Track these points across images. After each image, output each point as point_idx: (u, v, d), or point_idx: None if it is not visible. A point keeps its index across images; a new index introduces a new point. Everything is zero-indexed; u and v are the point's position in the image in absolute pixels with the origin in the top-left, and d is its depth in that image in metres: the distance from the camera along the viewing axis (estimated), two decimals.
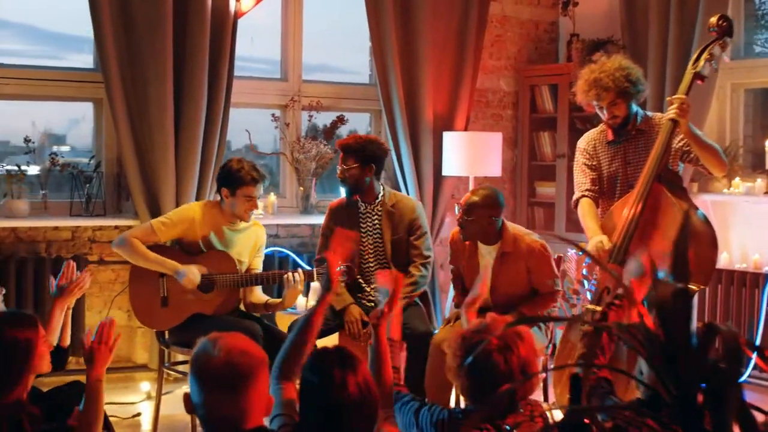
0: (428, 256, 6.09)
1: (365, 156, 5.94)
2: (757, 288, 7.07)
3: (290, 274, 5.75)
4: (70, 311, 4.68)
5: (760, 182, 7.18)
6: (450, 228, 8.16)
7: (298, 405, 3.24)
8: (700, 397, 2.24)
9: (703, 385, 2.24)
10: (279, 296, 6.05)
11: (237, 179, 5.72)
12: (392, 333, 3.97)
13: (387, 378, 3.61)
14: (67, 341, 4.60)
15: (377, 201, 6.03)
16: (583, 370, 3.78)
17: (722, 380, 2.22)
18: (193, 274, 5.67)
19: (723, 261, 7.26)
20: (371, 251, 6.04)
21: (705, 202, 7.42)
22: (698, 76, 5.19)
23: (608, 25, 8.06)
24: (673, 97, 5.17)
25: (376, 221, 6.02)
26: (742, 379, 7.03)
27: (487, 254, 5.76)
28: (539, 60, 8.69)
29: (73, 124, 7.72)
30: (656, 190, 5.09)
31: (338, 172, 6.00)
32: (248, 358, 2.90)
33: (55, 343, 4.44)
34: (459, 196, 8.18)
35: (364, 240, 5.99)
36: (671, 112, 5.09)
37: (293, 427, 3.22)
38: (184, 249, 5.82)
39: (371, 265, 6.04)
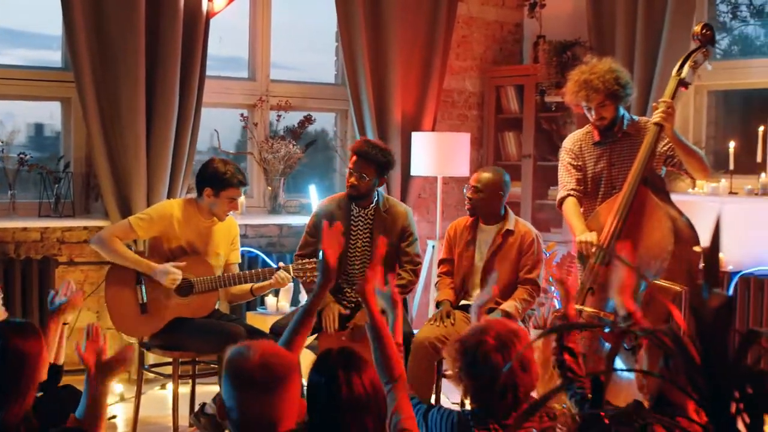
0: (419, 262, 6.17)
1: (385, 168, 5.99)
2: (722, 286, 7.17)
3: (276, 274, 5.75)
4: (65, 328, 4.61)
5: (724, 183, 7.28)
6: (417, 229, 8.19)
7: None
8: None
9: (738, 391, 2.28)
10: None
11: (223, 181, 5.72)
12: (396, 337, 3.97)
13: (393, 355, 3.59)
14: (61, 359, 4.55)
15: (372, 206, 6.04)
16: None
17: (763, 386, 2.26)
18: (173, 271, 5.65)
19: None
20: (359, 254, 6.05)
21: None
22: (682, 82, 5.29)
23: (575, 26, 8.13)
24: (659, 101, 5.26)
25: (368, 225, 6.03)
26: None
27: (485, 237, 5.94)
28: (504, 61, 8.75)
29: (41, 123, 7.63)
30: (642, 193, 5.16)
31: (351, 178, 5.97)
32: (283, 360, 2.92)
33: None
34: (426, 196, 8.24)
35: (352, 242, 5.99)
36: (657, 116, 5.17)
37: (300, 426, 3.23)
38: (160, 256, 5.81)
39: (356, 267, 6.04)
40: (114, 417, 6.23)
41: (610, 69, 5.36)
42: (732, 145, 7.14)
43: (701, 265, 5.14)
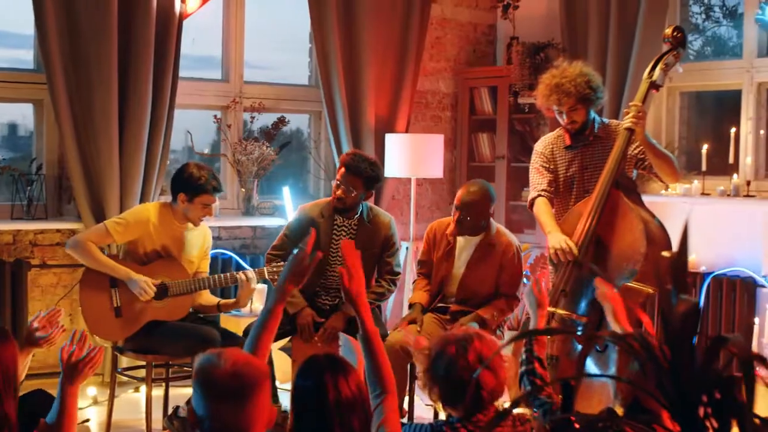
0: (398, 273, 6.18)
1: (373, 182, 6.00)
2: (695, 288, 7.21)
3: (242, 273, 5.76)
4: (31, 357, 4.55)
5: (696, 184, 7.32)
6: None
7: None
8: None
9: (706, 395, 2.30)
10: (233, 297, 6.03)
11: (197, 187, 5.70)
12: None
13: (385, 366, 3.60)
14: (21, 377, 4.51)
15: (356, 216, 6.03)
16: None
17: (731, 391, 2.28)
18: (147, 285, 5.65)
19: None
20: (339, 264, 6.03)
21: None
22: (653, 85, 5.29)
23: (548, 28, 8.15)
24: (630, 105, 5.27)
25: (351, 235, 6.01)
26: None
27: (464, 248, 5.94)
28: (477, 62, 8.77)
29: (13, 124, 7.59)
30: (614, 196, 5.17)
31: (339, 191, 5.94)
32: (253, 368, 2.93)
33: None
34: (399, 197, 8.24)
35: (333, 252, 5.96)
36: (628, 120, 5.19)
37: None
38: (135, 259, 5.80)
39: (335, 275, 5.98)
40: (87, 420, 6.21)
41: (582, 72, 5.36)
42: (705, 146, 7.18)
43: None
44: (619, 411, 3.25)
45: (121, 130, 6.78)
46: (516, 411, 3.56)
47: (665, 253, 4.99)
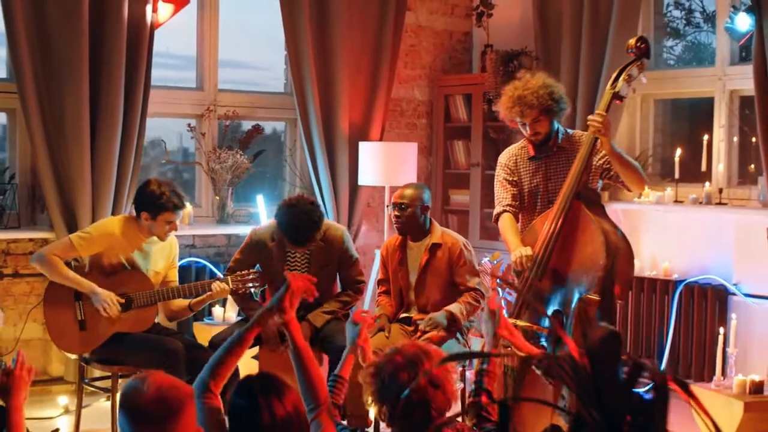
0: (361, 281, 6.21)
1: (318, 230, 5.98)
2: (667, 294, 7.24)
3: (216, 283, 5.79)
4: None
5: (669, 191, 7.35)
6: (365, 238, 8.24)
7: (225, 419, 3.32)
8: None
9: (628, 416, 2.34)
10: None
11: (158, 206, 5.71)
12: (342, 371, 3.99)
13: (317, 380, 3.64)
14: None
15: None
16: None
17: (649, 414, 2.32)
18: (111, 301, 5.66)
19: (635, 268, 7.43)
20: None
21: (616, 211, 7.57)
22: (616, 96, 5.27)
23: (522, 36, 8.17)
24: (594, 114, 5.25)
25: (305, 255, 6.03)
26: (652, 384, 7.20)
27: (415, 254, 6.00)
28: (453, 70, 8.78)
29: None
30: (575, 207, 5.17)
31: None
32: (177, 392, 2.97)
33: None
34: (374, 205, 8.26)
35: (290, 268, 6.00)
36: (592, 129, 5.18)
37: None
38: (100, 271, 5.81)
39: None
40: (57, 430, 6.20)
41: (544, 84, 5.35)
42: (678, 153, 7.20)
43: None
44: (564, 427, 3.27)
45: (92, 139, 6.78)
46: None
47: (593, 297, 4.99)
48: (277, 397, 3.13)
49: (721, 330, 6.33)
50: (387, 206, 6.07)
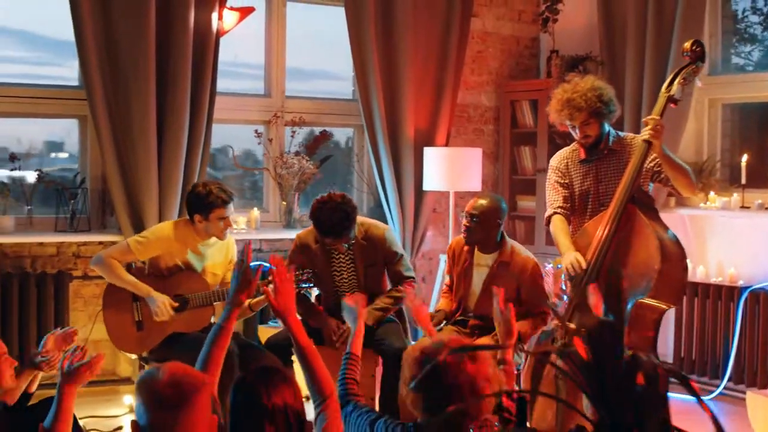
0: (410, 276, 6.19)
1: (353, 221, 6.03)
2: (733, 301, 7.17)
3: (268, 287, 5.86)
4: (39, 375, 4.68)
5: (736, 197, 7.28)
6: (432, 243, 8.28)
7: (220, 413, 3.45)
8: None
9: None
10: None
11: (207, 204, 5.83)
12: (353, 348, 4.08)
13: (321, 374, 3.74)
14: (33, 389, 4.67)
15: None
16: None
17: (645, 406, 2.33)
18: (165, 307, 5.80)
19: (699, 275, 7.38)
20: (346, 286, 6.12)
21: (682, 217, 7.54)
22: (671, 99, 5.25)
23: (587, 41, 8.16)
24: (648, 118, 5.24)
25: (349, 255, 6.09)
26: (718, 391, 7.14)
27: (482, 266, 5.97)
28: (521, 75, 8.78)
29: (60, 140, 7.80)
30: (630, 211, 5.16)
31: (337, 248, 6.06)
32: (191, 379, 3.04)
33: None
34: (440, 210, 8.30)
35: (337, 275, 6.11)
36: (645, 133, 5.16)
37: None
38: (158, 273, 5.96)
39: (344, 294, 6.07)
40: (120, 428, 6.35)
41: (593, 87, 5.35)
42: (744, 158, 7.13)
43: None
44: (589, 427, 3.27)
45: (159, 144, 6.94)
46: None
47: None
48: (273, 387, 3.21)
49: None
50: (461, 214, 6.04)
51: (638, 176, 5.23)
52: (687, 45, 5.37)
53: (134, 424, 3.03)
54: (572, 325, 5.14)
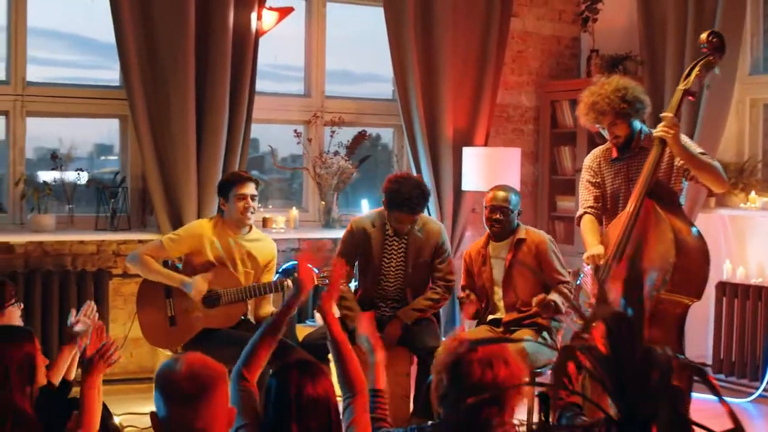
0: (451, 280, 6.27)
1: (425, 204, 6.22)
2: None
3: (288, 281, 5.91)
4: (78, 353, 4.73)
5: None
6: (470, 243, 8.25)
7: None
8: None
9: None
10: None
11: (226, 184, 6.06)
12: (377, 383, 3.96)
13: (354, 370, 3.74)
14: (72, 376, 4.72)
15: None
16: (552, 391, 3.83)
17: (659, 399, 2.32)
18: (199, 284, 5.90)
19: (739, 275, 7.32)
20: (392, 273, 6.19)
21: (722, 217, 7.49)
22: (688, 92, 5.21)
23: (627, 40, 8.13)
24: (662, 114, 5.20)
25: (402, 245, 6.17)
26: (757, 394, 7.07)
27: (499, 258, 6.07)
28: (561, 75, 8.75)
29: (101, 139, 7.89)
30: (647, 206, 5.12)
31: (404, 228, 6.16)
32: (209, 370, 3.05)
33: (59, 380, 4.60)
34: (480, 210, 8.27)
35: (386, 261, 6.18)
36: (659, 129, 5.13)
37: (254, 426, 3.41)
38: (192, 269, 6.05)
39: (390, 285, 6.22)
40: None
41: (616, 88, 5.26)
42: None
43: None
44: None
45: (198, 144, 7.00)
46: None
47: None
48: (310, 378, 3.24)
49: None
50: (485, 207, 6.07)
51: (655, 172, 5.17)
52: (703, 36, 5.28)
53: (153, 415, 3.06)
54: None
